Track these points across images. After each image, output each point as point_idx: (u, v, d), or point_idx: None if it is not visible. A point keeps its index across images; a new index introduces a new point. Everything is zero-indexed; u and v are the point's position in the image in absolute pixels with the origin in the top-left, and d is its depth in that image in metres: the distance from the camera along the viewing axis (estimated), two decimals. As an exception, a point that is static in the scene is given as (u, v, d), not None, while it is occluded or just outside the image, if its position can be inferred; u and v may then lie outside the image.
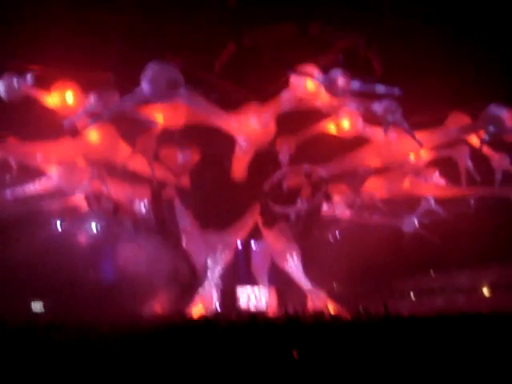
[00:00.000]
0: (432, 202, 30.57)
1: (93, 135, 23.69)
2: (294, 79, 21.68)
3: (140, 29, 22.66)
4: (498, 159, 26.61)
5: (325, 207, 29.61)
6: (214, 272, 29.59)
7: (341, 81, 20.39)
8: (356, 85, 20.84)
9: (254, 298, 30.77)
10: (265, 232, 30.81)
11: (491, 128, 22.36)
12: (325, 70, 21.39)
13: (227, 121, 23.41)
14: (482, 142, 23.71)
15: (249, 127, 23.41)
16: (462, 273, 33.86)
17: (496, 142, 25.18)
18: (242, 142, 24.16)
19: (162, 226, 28.50)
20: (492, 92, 23.32)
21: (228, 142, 24.84)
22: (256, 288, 31.19)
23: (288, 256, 30.71)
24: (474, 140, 25.42)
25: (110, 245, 35.37)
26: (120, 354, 9.87)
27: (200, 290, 28.95)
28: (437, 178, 29.53)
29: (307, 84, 21.45)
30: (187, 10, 21.69)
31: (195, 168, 27.78)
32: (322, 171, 25.74)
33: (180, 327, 12.40)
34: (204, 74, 23.49)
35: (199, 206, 29.89)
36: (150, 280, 33.31)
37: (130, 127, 24.59)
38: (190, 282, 29.48)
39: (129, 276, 33.87)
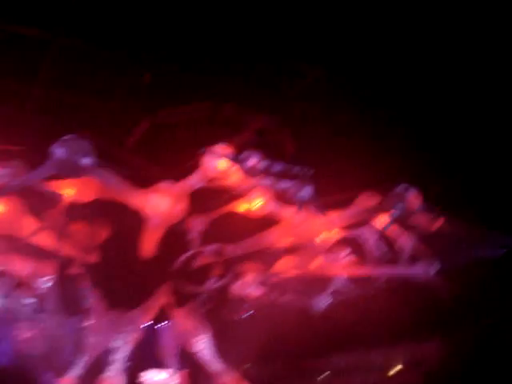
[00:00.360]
0: (343, 280, 30.92)
1: (-2, 208, 22.77)
2: (205, 159, 21.82)
3: (54, 101, 22.38)
4: (404, 239, 27.42)
5: (236, 286, 29.38)
6: (121, 354, 28.41)
7: (253, 161, 20.64)
8: (268, 165, 21.17)
9: (161, 381, 29.74)
10: (174, 312, 30.07)
11: (397, 209, 23.11)
12: (238, 150, 21.71)
13: (138, 197, 23.08)
14: (389, 222, 24.45)
15: (160, 204, 23.14)
16: (373, 351, 34.13)
17: (403, 223, 26.04)
18: (152, 219, 23.86)
19: (67, 304, 27.34)
20: (401, 172, 24.29)
21: (138, 218, 24.48)
22: (163, 372, 30.19)
23: (198, 336, 30.00)
24: (382, 219, 26.19)
25: (8, 324, 33.59)
26: None
27: (107, 373, 27.69)
28: (348, 256, 30.00)
29: (219, 163, 21.61)
30: (102, 83, 21.69)
31: (104, 244, 27.12)
32: (233, 250, 25.64)
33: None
34: (116, 150, 23.32)
35: (107, 284, 29.00)
36: (52, 360, 31.72)
37: (38, 201, 23.89)
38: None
39: (28, 357, 32.18)
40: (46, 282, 29.16)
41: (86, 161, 19.01)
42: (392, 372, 32.47)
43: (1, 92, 21.16)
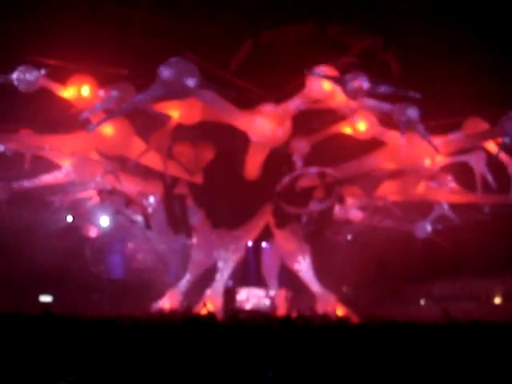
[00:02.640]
0: (446, 208, 30.31)
1: (107, 130, 23.65)
2: (310, 80, 21.49)
3: (158, 25, 22.66)
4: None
5: (337, 209, 29.42)
6: (224, 272, 29.54)
7: (358, 83, 20.12)
8: (373, 87, 20.58)
9: (260, 299, 30.75)
10: (276, 233, 30.69)
11: (509, 135, 22.00)
12: (342, 72, 21.22)
13: (242, 119, 23.29)
14: (500, 149, 23.36)
15: (264, 127, 23.25)
16: (474, 281, 33.60)
17: (514, 150, 24.88)
18: (256, 141, 24.06)
19: (174, 222, 28.47)
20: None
21: (242, 140, 24.78)
22: (262, 290, 31.19)
23: (299, 258, 30.60)
24: (491, 147, 25.10)
25: (121, 239, 35.57)
26: (126, 348, 9.81)
27: (210, 289, 28.94)
28: (451, 183, 29.21)
29: (323, 85, 21.25)
30: (205, 7, 21.56)
31: (208, 166, 27.77)
32: (335, 173, 25.51)
33: (188, 324, 12.29)
34: (221, 72, 23.42)
35: (211, 205, 29.87)
36: (160, 277, 33.47)
37: (145, 123, 24.63)
38: None
39: (138, 271, 34.15)
40: (153, 201, 30.48)
41: (192, 83, 19.33)
42: (493, 302, 31.91)
43: (106, 16, 21.72)
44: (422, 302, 35.39)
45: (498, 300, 32.13)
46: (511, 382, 8.28)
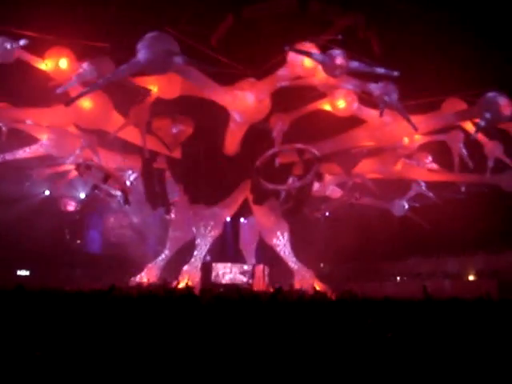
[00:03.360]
0: (423, 186, 30.66)
1: (86, 104, 23.40)
2: (291, 56, 21.43)
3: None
4: (491, 147, 26.59)
5: (316, 186, 29.58)
6: (202, 248, 29.64)
7: (339, 60, 20.15)
8: (354, 65, 20.60)
9: (235, 274, 30.95)
10: (255, 209, 30.78)
11: (487, 115, 22.20)
12: (323, 49, 21.19)
13: (222, 95, 23.19)
14: (477, 128, 23.61)
15: (243, 102, 23.20)
16: (449, 258, 34.10)
17: (491, 130, 25.15)
18: (236, 116, 23.97)
19: (152, 197, 28.44)
20: (490, 79, 23.22)
21: (222, 116, 24.66)
22: (237, 265, 31.36)
23: (277, 234, 30.80)
24: (469, 126, 25.37)
25: (99, 214, 35.46)
26: (102, 322, 9.84)
27: (187, 265, 29.05)
28: (429, 162, 29.49)
29: (304, 62, 21.22)
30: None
31: (187, 141, 27.64)
32: (314, 150, 25.56)
33: (166, 299, 12.34)
34: (201, 47, 23.23)
35: (190, 180, 29.82)
36: (138, 251, 33.52)
37: (124, 97, 24.40)
38: None
39: (116, 246, 34.12)
40: (132, 176, 30.34)
41: (171, 57, 19.16)
42: (467, 280, 32.44)
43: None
44: (398, 278, 35.86)
45: (471, 277, 32.65)
46: (485, 355, 8.51)
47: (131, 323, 9.52)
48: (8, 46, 20.48)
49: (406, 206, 31.73)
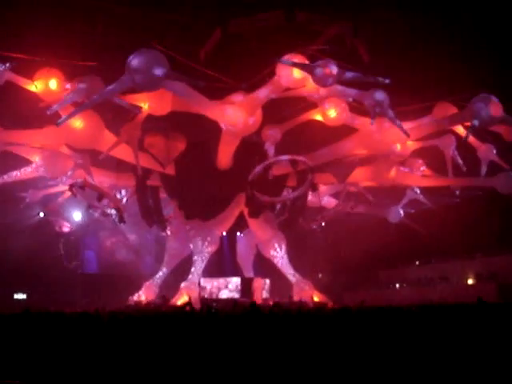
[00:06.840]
0: (418, 192, 30.68)
1: (77, 123, 23.35)
2: (280, 68, 21.47)
3: (126, 16, 22.40)
4: (483, 150, 26.68)
5: (310, 197, 29.52)
6: (199, 263, 29.48)
7: (327, 70, 20.19)
8: (343, 74, 20.65)
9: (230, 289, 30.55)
10: (250, 222, 30.67)
11: (478, 119, 22.28)
12: (312, 59, 21.24)
13: (213, 109, 23.19)
14: (468, 132, 23.66)
15: (235, 116, 23.19)
16: (447, 263, 34.04)
17: (482, 133, 25.23)
18: (228, 131, 23.95)
19: (147, 215, 28.36)
20: (479, 82, 23.32)
21: (214, 130, 24.62)
22: (224, 280, 30.92)
23: (274, 246, 30.66)
24: (461, 130, 25.44)
25: (94, 234, 35.30)
26: (105, 340, 9.80)
27: (185, 281, 28.90)
28: (423, 168, 29.53)
29: (294, 73, 21.23)
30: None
31: (180, 157, 27.57)
32: (307, 160, 25.54)
33: (165, 315, 12.31)
34: (190, 63, 23.24)
35: (184, 196, 29.73)
36: (135, 269, 33.38)
37: (115, 116, 24.38)
38: None
39: (112, 265, 33.96)
40: (126, 194, 30.25)
41: (161, 73, 19.18)
42: (466, 284, 32.36)
43: (73, 8, 21.37)
44: (397, 285, 35.75)
45: (470, 281, 32.58)
46: (482, 356, 8.48)
47: (135, 342, 9.49)
48: (-3, 69, 20.52)
49: (402, 213, 31.77)
